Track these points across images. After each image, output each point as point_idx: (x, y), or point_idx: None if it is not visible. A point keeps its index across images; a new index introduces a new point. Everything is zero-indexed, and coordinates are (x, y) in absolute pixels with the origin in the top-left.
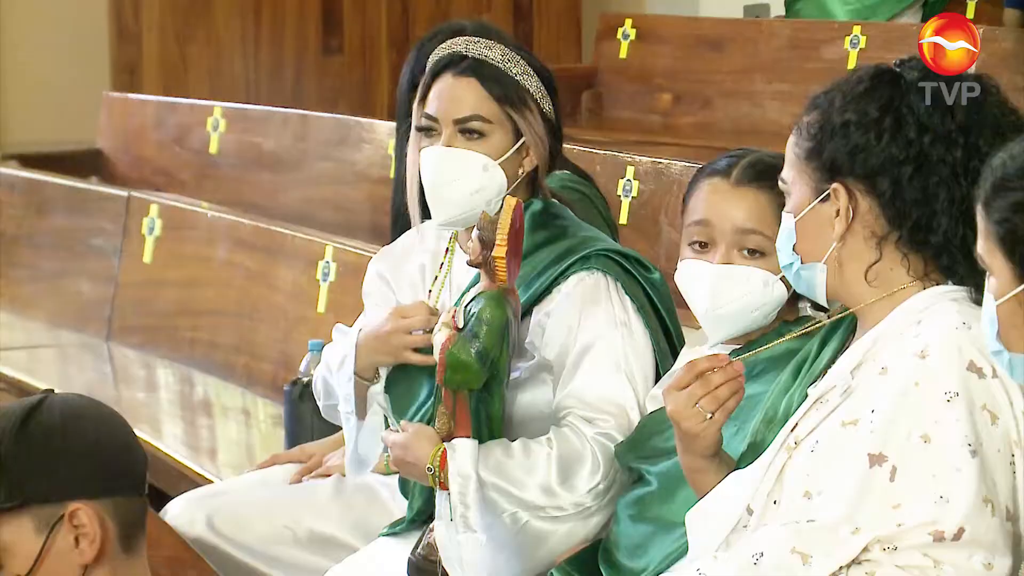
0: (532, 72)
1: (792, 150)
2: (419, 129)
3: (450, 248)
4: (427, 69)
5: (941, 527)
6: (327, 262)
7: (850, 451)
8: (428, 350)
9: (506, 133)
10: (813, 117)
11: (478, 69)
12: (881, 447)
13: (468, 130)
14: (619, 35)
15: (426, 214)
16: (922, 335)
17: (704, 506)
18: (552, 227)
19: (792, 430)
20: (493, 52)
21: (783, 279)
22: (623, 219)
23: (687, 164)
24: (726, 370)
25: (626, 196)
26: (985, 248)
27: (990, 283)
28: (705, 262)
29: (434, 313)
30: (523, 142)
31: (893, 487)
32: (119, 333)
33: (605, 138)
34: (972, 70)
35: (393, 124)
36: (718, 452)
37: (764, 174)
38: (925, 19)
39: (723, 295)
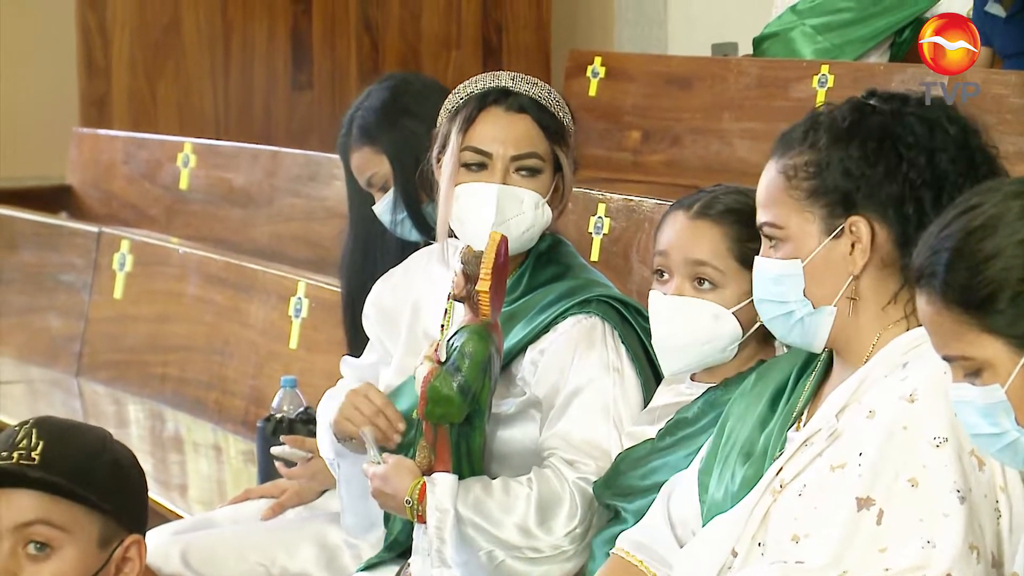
0: (568, 110)
1: (786, 194)
2: (466, 161)
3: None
4: (468, 99)
5: (928, 572)
6: (299, 298)
7: (838, 495)
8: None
9: (551, 171)
10: (806, 158)
11: (530, 106)
12: (868, 491)
13: (525, 167)
14: (588, 73)
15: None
16: (909, 378)
17: (690, 548)
18: (557, 266)
19: (777, 473)
20: (540, 90)
21: (736, 314)
22: (594, 256)
23: (658, 202)
24: None
25: (597, 233)
26: (964, 341)
27: (980, 378)
28: (660, 292)
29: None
30: (557, 179)
31: (880, 531)
32: (89, 369)
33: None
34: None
35: None
36: None
37: (724, 211)
38: (893, 59)
39: (673, 325)
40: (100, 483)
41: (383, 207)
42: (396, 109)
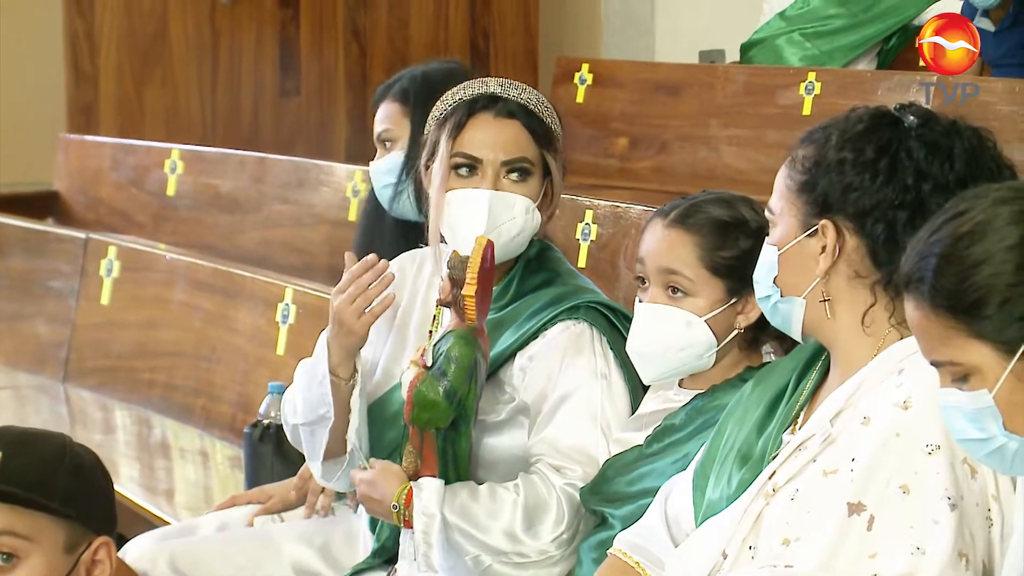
0: (555, 115)
1: (783, 181)
2: (456, 167)
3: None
4: (457, 105)
5: None
6: (286, 304)
7: (829, 500)
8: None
9: (540, 176)
10: (808, 151)
11: (519, 112)
12: (860, 496)
13: (515, 171)
14: (576, 79)
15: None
16: (904, 385)
17: (682, 549)
18: (546, 272)
19: (770, 477)
20: (529, 95)
21: (709, 322)
22: (582, 262)
23: (645, 208)
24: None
25: (584, 240)
26: (952, 346)
27: (968, 383)
28: (637, 300)
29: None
30: (546, 184)
31: (870, 536)
32: (76, 375)
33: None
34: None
35: (351, 166)
36: None
37: (699, 220)
38: (880, 66)
39: (647, 333)
40: (62, 490)
41: (385, 165)
42: (441, 91)
